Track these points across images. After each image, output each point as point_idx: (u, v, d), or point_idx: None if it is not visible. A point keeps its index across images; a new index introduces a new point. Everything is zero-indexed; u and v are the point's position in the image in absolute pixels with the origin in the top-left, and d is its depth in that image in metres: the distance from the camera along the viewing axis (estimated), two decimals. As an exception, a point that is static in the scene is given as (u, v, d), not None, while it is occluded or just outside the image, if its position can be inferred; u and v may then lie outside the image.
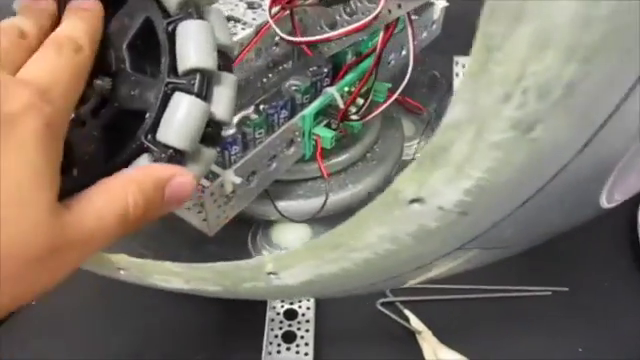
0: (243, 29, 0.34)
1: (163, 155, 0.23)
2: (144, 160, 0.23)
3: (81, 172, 0.25)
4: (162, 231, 0.42)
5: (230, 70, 0.26)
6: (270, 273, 0.19)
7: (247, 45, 0.34)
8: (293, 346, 0.37)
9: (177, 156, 0.23)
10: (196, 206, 0.35)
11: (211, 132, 0.24)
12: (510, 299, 0.41)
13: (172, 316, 0.42)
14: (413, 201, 0.15)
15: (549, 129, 0.12)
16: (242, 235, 0.44)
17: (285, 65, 0.40)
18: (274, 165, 0.36)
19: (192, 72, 0.24)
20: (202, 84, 0.23)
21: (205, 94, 0.23)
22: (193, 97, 0.23)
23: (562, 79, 0.11)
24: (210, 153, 0.25)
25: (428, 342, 0.38)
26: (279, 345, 0.37)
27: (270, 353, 0.36)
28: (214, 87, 0.24)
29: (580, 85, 0.11)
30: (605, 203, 0.21)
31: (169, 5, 0.25)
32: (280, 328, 0.38)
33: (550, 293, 0.41)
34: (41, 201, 0.17)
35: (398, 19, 0.34)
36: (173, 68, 0.24)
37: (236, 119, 0.35)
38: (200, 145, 0.24)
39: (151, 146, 0.23)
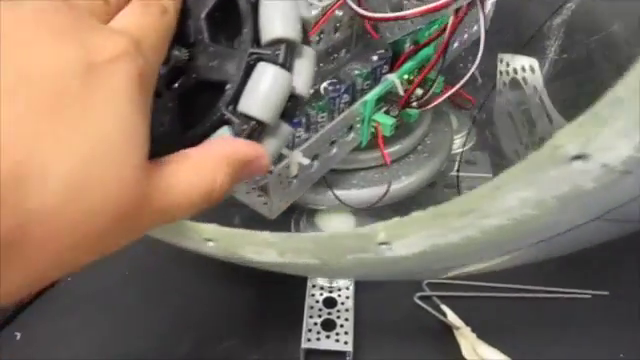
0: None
1: (245, 127, 0.22)
2: (224, 132, 0.23)
3: (157, 143, 0.24)
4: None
5: (309, 44, 0.25)
6: (382, 243, 0.18)
7: (314, 25, 0.33)
8: (333, 334, 0.36)
9: (258, 128, 0.23)
10: (256, 189, 0.34)
11: (290, 107, 0.24)
12: (549, 300, 0.40)
13: (208, 301, 0.42)
14: (576, 158, 0.14)
15: None
16: (284, 222, 0.43)
17: (347, 51, 0.39)
18: (334, 150, 0.35)
19: (276, 42, 0.23)
20: (287, 55, 0.23)
21: (289, 65, 0.23)
22: (278, 67, 0.22)
23: None
24: (287, 129, 0.24)
25: (466, 338, 0.37)
26: (318, 333, 0.36)
27: (309, 340, 0.36)
28: (296, 60, 0.23)
29: None
30: None
31: None
32: (319, 316, 0.37)
33: (590, 296, 0.40)
34: (131, 157, 0.16)
35: (470, 6, 0.33)
36: (256, 40, 0.23)
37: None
38: (279, 120, 0.23)
39: (232, 117, 0.23)
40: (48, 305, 0.42)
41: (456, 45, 0.45)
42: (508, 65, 0.56)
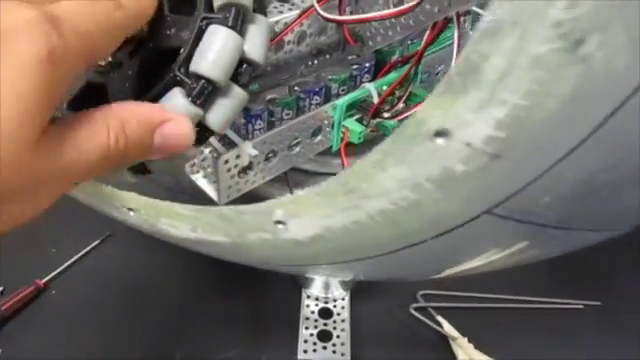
0: (290, 9, 0.34)
1: (195, 85, 0.23)
2: (175, 93, 0.24)
3: None
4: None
5: (264, 14, 0.26)
6: (278, 222, 0.18)
7: (290, 24, 0.33)
8: (329, 345, 0.36)
9: (209, 87, 0.24)
10: (212, 175, 0.34)
11: (244, 71, 0.25)
12: (542, 311, 0.40)
13: (200, 314, 0.41)
14: (438, 134, 0.13)
15: (603, 45, 0.11)
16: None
17: (330, 55, 0.39)
18: (297, 149, 0.35)
19: (227, 7, 0.24)
20: (237, 17, 0.24)
21: (240, 29, 0.24)
22: (227, 28, 0.24)
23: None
24: (241, 93, 0.25)
25: (463, 349, 0.37)
26: (315, 344, 0.36)
27: (306, 351, 0.35)
28: (248, 26, 0.25)
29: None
30: None
31: None
32: (315, 327, 0.37)
33: (582, 306, 0.40)
34: (21, 139, 0.16)
35: (447, 23, 0.33)
36: (209, 6, 0.25)
37: (268, 96, 0.35)
38: (232, 82, 0.24)
39: (183, 78, 0.24)
40: (30, 319, 0.42)
41: (442, 67, 0.44)
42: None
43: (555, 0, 0.10)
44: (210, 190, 0.33)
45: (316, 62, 0.39)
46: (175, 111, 0.24)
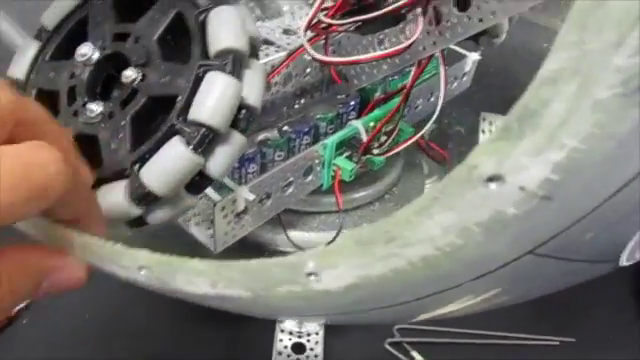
0: (277, 51, 0.34)
1: (195, 134, 0.23)
2: (176, 142, 0.23)
3: (110, 162, 0.25)
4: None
5: (257, 58, 0.26)
6: (310, 274, 0.17)
7: (278, 67, 0.33)
8: None
9: (209, 135, 0.23)
10: (205, 222, 0.33)
11: (243, 117, 0.25)
12: (517, 347, 0.40)
13: (173, 348, 0.39)
14: (491, 179, 0.13)
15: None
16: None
17: (314, 95, 0.39)
18: (290, 190, 0.35)
19: (224, 53, 0.24)
20: (235, 64, 0.24)
21: (238, 75, 0.24)
22: (226, 75, 0.23)
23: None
24: (240, 138, 0.25)
25: None
26: None
27: None
28: (244, 71, 0.25)
29: None
30: (624, 260, 0.20)
31: None
32: None
33: (558, 343, 0.41)
34: None
35: (431, 59, 0.34)
36: (205, 54, 0.25)
37: (258, 138, 0.34)
38: (231, 129, 0.24)
39: (183, 127, 0.23)
40: (4, 349, 0.39)
41: (432, 100, 0.45)
42: (491, 124, 0.57)
43: (620, 48, 0.10)
44: (205, 238, 0.32)
45: (301, 102, 0.39)
46: (175, 160, 0.23)
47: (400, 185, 0.45)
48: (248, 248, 0.36)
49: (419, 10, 0.29)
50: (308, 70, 0.37)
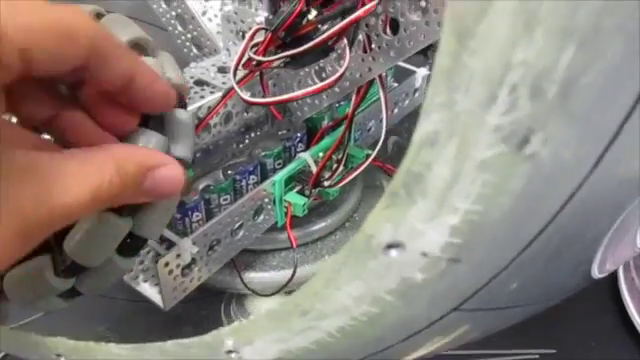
0: (212, 92, 0.33)
1: None
2: None
3: None
4: (132, 313, 0.38)
5: (185, 108, 0.25)
6: (230, 351, 0.16)
7: (214, 108, 0.32)
8: None
9: None
10: (154, 277, 0.31)
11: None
12: None
13: None
14: (390, 247, 0.12)
15: (548, 141, 0.10)
16: (217, 312, 0.40)
17: (258, 131, 0.38)
18: (241, 233, 0.33)
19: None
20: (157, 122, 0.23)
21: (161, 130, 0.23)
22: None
23: (558, 70, 0.09)
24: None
25: None
26: None
27: None
28: (171, 125, 0.23)
29: (581, 78, 0.09)
30: (597, 273, 0.19)
31: None
32: None
33: (537, 356, 0.40)
34: None
35: (371, 84, 0.33)
36: None
37: (201, 185, 0.33)
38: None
39: None
40: None
41: (372, 122, 0.44)
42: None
43: (491, 106, 0.09)
44: (154, 295, 0.31)
45: (246, 138, 0.38)
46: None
47: (361, 210, 0.43)
48: (206, 293, 0.35)
49: (345, 41, 0.28)
50: (249, 106, 0.36)
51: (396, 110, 0.47)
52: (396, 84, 0.46)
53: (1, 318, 0.25)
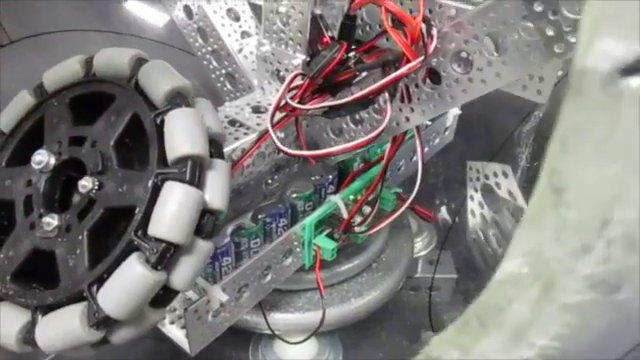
0: (246, 134, 0.33)
1: (155, 250, 0.22)
2: (134, 261, 0.22)
3: (66, 280, 0.23)
4: (158, 352, 0.38)
5: (222, 157, 0.25)
6: None
7: (248, 151, 0.32)
8: None
9: (170, 250, 0.22)
10: (181, 319, 0.31)
11: (206, 223, 0.23)
12: None
13: None
14: (455, 370, 0.11)
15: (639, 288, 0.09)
16: (244, 352, 0.40)
17: (289, 169, 0.38)
18: (269, 277, 0.33)
19: (182, 160, 0.23)
20: (194, 171, 0.23)
21: (198, 181, 0.23)
22: (185, 185, 0.22)
23: (659, 228, 0.08)
24: (205, 246, 0.23)
25: None
26: None
27: None
28: (207, 174, 0.23)
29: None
30: None
31: (156, 98, 0.25)
32: None
33: None
34: None
35: (406, 132, 0.32)
36: (163, 160, 0.23)
37: (230, 228, 0.33)
38: (195, 237, 0.23)
39: (141, 242, 0.22)
40: None
41: (414, 159, 0.44)
42: (478, 172, 0.56)
43: (585, 257, 0.09)
44: (180, 338, 0.30)
45: (275, 178, 0.38)
46: (134, 281, 0.22)
47: (388, 251, 0.43)
48: (232, 333, 0.34)
49: (387, 94, 0.28)
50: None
51: (426, 149, 0.46)
52: (428, 122, 0.46)
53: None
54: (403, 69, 0.26)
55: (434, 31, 0.26)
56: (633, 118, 0.07)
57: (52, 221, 0.25)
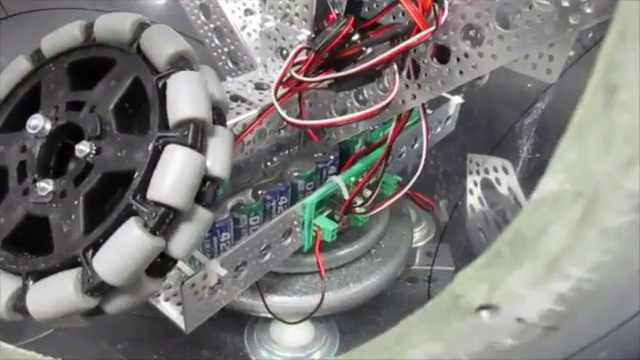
0: (248, 109, 0.32)
1: (154, 215, 0.21)
2: (131, 225, 0.21)
3: (61, 247, 0.22)
4: (150, 332, 0.37)
5: (224, 125, 0.25)
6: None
7: (249, 126, 0.31)
8: None
9: (169, 215, 0.21)
10: (176, 296, 0.30)
11: (207, 190, 0.23)
12: None
13: None
14: (482, 308, 0.10)
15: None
16: (239, 335, 0.39)
17: (290, 150, 0.37)
18: (268, 256, 0.32)
19: (185, 123, 0.22)
20: (196, 135, 0.22)
21: (200, 146, 0.22)
22: (187, 148, 0.22)
23: None
24: (206, 214, 0.23)
25: None
26: None
27: None
28: (209, 139, 0.23)
29: None
30: None
31: (158, 62, 0.24)
32: None
33: None
34: None
35: (412, 111, 0.32)
36: (164, 123, 0.23)
37: (230, 203, 0.32)
38: (195, 205, 0.22)
39: (140, 206, 0.21)
40: None
41: (416, 146, 0.43)
42: (478, 165, 0.55)
43: (633, 170, 0.08)
44: (176, 315, 0.30)
45: (276, 158, 0.37)
46: (131, 246, 0.21)
47: (387, 237, 0.42)
48: (227, 315, 0.33)
49: (395, 67, 0.27)
50: (283, 125, 0.35)
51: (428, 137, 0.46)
52: (430, 111, 0.45)
53: None
54: (414, 38, 0.25)
55: (445, 3, 0.26)
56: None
57: (47, 186, 0.24)
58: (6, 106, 0.28)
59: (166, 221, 0.21)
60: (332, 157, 0.36)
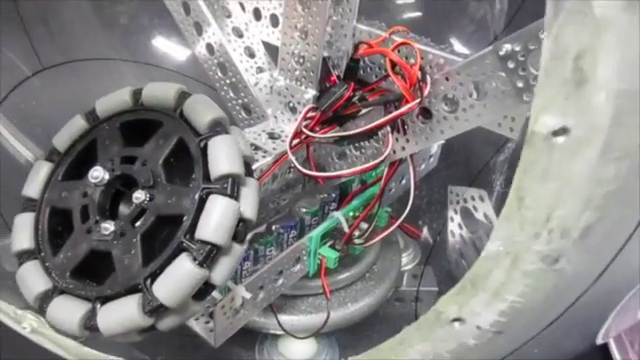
0: (263, 156, 0.38)
1: (201, 251, 0.26)
2: (184, 259, 0.26)
3: (122, 276, 0.27)
4: (180, 347, 0.42)
5: (252, 176, 0.30)
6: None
7: (266, 171, 0.37)
8: None
9: (213, 251, 0.26)
10: (204, 316, 0.36)
11: (241, 229, 0.28)
12: None
13: None
14: (454, 320, 0.17)
15: (570, 262, 0.15)
16: (251, 350, 0.44)
17: (296, 188, 0.43)
18: (281, 280, 0.38)
19: (224, 177, 0.28)
20: (233, 186, 0.28)
21: (236, 195, 0.27)
22: (226, 198, 0.27)
23: (580, 223, 0.14)
24: (239, 249, 0.28)
25: None
26: None
27: None
28: (241, 189, 0.28)
29: (594, 227, 0.14)
30: (600, 340, 0.24)
31: (199, 126, 0.29)
32: None
33: None
34: None
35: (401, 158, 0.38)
36: (207, 177, 0.28)
37: (249, 236, 0.38)
38: (232, 241, 0.27)
39: (189, 244, 0.27)
40: None
41: (403, 182, 0.50)
42: (458, 196, 0.62)
43: (537, 240, 0.14)
44: (204, 332, 0.35)
45: (285, 196, 0.43)
46: (184, 276, 0.26)
47: (379, 263, 0.48)
48: (243, 333, 0.39)
49: (388, 128, 0.34)
50: (291, 167, 0.41)
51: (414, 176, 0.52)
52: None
53: None
54: (403, 108, 0.32)
55: (428, 78, 0.32)
56: (560, 158, 0.13)
57: (109, 227, 0.29)
58: (67, 158, 0.33)
59: (211, 256, 0.27)
60: (334, 195, 0.42)
